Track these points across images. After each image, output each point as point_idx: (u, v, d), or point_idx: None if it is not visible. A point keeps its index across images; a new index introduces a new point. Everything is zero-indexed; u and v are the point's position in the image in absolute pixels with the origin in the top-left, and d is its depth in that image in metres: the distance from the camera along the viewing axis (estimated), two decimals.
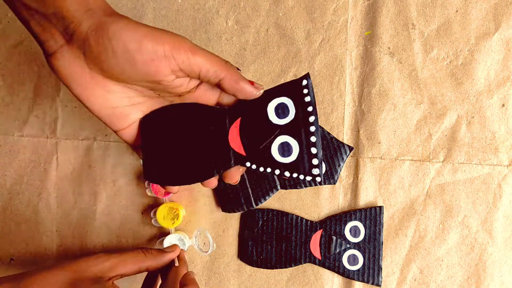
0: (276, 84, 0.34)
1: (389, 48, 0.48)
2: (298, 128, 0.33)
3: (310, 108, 0.32)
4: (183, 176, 0.34)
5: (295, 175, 0.33)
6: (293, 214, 0.49)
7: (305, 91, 0.32)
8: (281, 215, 0.49)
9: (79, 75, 0.32)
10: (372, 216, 0.48)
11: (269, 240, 0.49)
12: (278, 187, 0.49)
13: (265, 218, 0.49)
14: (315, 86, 0.49)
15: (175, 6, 0.50)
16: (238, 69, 0.34)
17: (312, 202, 0.49)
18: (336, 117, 0.49)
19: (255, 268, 0.49)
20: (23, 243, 0.52)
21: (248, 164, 0.33)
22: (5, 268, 0.52)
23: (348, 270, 0.47)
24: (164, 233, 0.50)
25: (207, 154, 0.34)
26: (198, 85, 0.35)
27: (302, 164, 0.33)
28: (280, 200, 0.49)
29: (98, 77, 0.32)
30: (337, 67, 0.48)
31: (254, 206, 0.49)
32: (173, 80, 0.32)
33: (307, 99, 0.32)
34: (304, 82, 0.33)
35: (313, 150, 0.32)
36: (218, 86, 0.33)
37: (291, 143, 0.33)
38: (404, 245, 0.48)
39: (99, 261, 0.36)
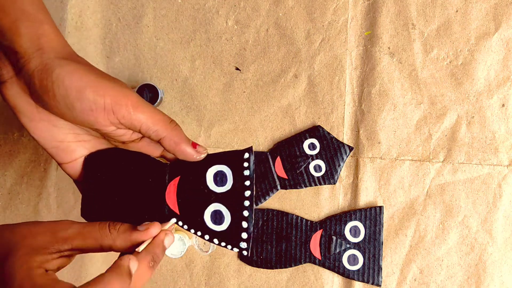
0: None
1: (389, 48, 0.48)
2: (233, 200, 0.33)
3: (247, 182, 0.33)
4: (117, 220, 0.34)
5: (223, 244, 0.33)
6: (293, 214, 0.49)
7: (246, 164, 0.33)
8: (281, 215, 0.49)
9: (25, 107, 0.32)
10: (372, 216, 0.48)
11: (269, 240, 0.49)
12: (278, 187, 0.49)
13: (265, 218, 0.49)
14: (315, 86, 0.49)
15: (175, 6, 0.50)
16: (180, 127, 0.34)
17: (312, 202, 0.49)
18: (336, 117, 0.49)
19: (255, 268, 0.49)
20: None
21: (180, 223, 0.34)
22: None
23: (348, 270, 0.47)
24: None
25: (142, 204, 0.34)
26: (142, 137, 0.35)
27: (231, 236, 0.33)
28: (280, 200, 0.49)
29: (44, 111, 0.33)
30: (337, 67, 0.48)
31: (254, 206, 0.49)
32: (113, 130, 0.33)
33: (246, 172, 0.33)
34: (246, 155, 0.33)
35: (244, 224, 0.33)
36: (159, 143, 0.33)
37: (223, 212, 0.33)
38: (404, 245, 0.48)
39: (56, 228, 0.31)
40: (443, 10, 0.47)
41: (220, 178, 0.33)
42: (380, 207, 0.48)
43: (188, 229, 0.34)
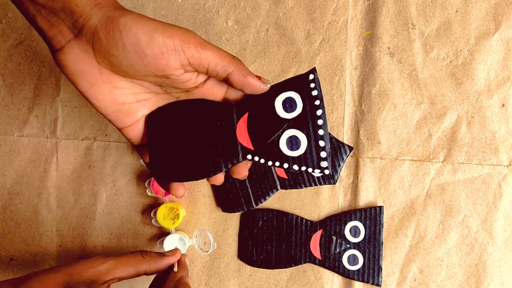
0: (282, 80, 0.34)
1: (389, 48, 0.48)
2: (306, 122, 0.33)
3: (317, 102, 0.33)
4: (191, 172, 0.34)
5: (303, 168, 0.33)
6: (293, 214, 0.49)
7: (312, 85, 0.33)
8: (281, 215, 0.49)
9: (87, 70, 0.32)
10: (372, 216, 0.48)
11: (269, 240, 0.49)
12: (278, 187, 0.49)
13: (265, 218, 0.49)
14: None
15: (175, 6, 0.50)
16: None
17: (312, 202, 0.49)
18: (336, 117, 0.49)
19: (255, 268, 0.49)
20: (23, 243, 0.52)
21: (256, 158, 0.33)
22: (5, 268, 0.52)
23: (348, 270, 0.47)
24: (164, 233, 0.50)
25: (215, 149, 0.34)
26: (205, 80, 0.35)
27: (311, 157, 0.33)
28: (280, 200, 0.49)
29: (106, 72, 0.32)
30: (337, 67, 0.48)
31: (254, 206, 0.49)
32: (181, 74, 0.32)
33: (314, 93, 0.33)
34: (311, 76, 0.33)
35: (321, 143, 0.33)
36: (226, 81, 0.33)
37: (299, 136, 0.33)
38: (404, 245, 0.48)
39: (96, 263, 0.36)
40: (443, 10, 0.47)
41: (289, 104, 0.33)
42: (380, 207, 0.48)
43: (265, 162, 0.33)
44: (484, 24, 0.47)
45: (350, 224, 0.48)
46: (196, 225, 0.50)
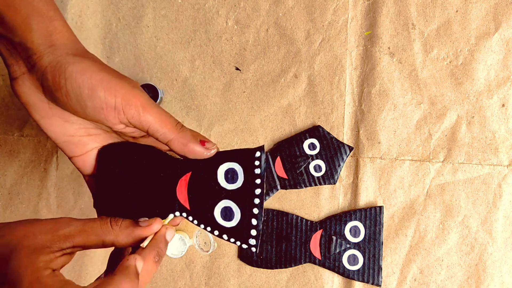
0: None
1: (389, 48, 0.48)
2: (243, 197, 0.33)
3: (258, 181, 0.33)
4: (128, 213, 0.35)
5: (232, 240, 0.34)
6: (293, 214, 0.49)
7: (257, 162, 0.33)
8: (281, 215, 0.49)
9: (37, 104, 0.33)
10: (372, 216, 0.48)
11: (269, 240, 0.49)
12: (278, 187, 0.49)
13: (265, 218, 0.49)
14: (315, 86, 0.49)
15: (175, 6, 0.50)
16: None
17: (312, 202, 0.49)
18: (336, 117, 0.49)
19: (255, 268, 0.49)
20: None
21: (190, 218, 0.34)
22: None
23: (348, 270, 0.47)
24: None
25: (154, 198, 0.35)
26: None
27: (241, 232, 0.33)
28: (280, 200, 0.49)
29: (56, 107, 0.33)
30: (337, 67, 0.48)
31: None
32: (122, 128, 0.33)
33: (257, 171, 0.33)
34: (257, 154, 0.33)
35: (253, 222, 0.33)
36: (167, 145, 0.34)
37: (234, 209, 0.34)
38: (404, 245, 0.48)
39: (57, 226, 0.31)
40: (443, 10, 0.47)
41: (231, 176, 0.34)
42: (380, 207, 0.48)
43: (198, 224, 0.34)
44: (484, 24, 0.47)
45: (350, 224, 0.48)
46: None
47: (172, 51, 0.50)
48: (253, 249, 0.33)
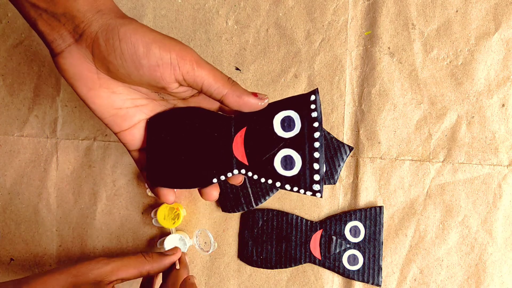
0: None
1: (389, 48, 0.48)
2: (303, 143, 0.33)
3: (316, 124, 0.32)
4: (184, 180, 0.34)
5: (295, 189, 0.33)
6: (293, 214, 0.49)
7: (313, 106, 0.33)
8: (281, 215, 0.49)
9: (85, 75, 0.32)
10: (372, 216, 0.48)
11: (269, 240, 0.49)
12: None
13: (265, 218, 0.49)
14: (315, 86, 0.49)
15: (175, 6, 0.50)
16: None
17: (312, 202, 0.49)
18: (336, 117, 0.49)
19: (255, 268, 0.49)
20: (23, 243, 0.52)
21: (250, 173, 0.34)
22: (5, 268, 0.52)
23: (348, 270, 0.48)
24: (164, 233, 0.50)
25: (210, 159, 0.34)
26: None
27: (304, 179, 0.33)
28: (280, 200, 0.49)
29: (104, 77, 0.32)
30: (337, 67, 0.48)
31: (254, 206, 0.49)
32: (176, 87, 0.33)
33: (314, 114, 0.32)
34: (312, 97, 0.33)
35: (316, 166, 0.32)
36: (221, 101, 0.33)
37: (294, 157, 0.33)
38: (404, 245, 0.48)
39: (100, 265, 0.36)
40: (443, 10, 0.47)
41: (287, 123, 0.33)
42: (380, 207, 0.48)
43: (258, 179, 0.33)
44: (484, 24, 0.47)
45: (350, 224, 0.48)
46: (196, 225, 0.50)
47: None
48: (318, 195, 0.32)
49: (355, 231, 0.48)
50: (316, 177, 0.32)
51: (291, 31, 0.49)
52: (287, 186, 0.33)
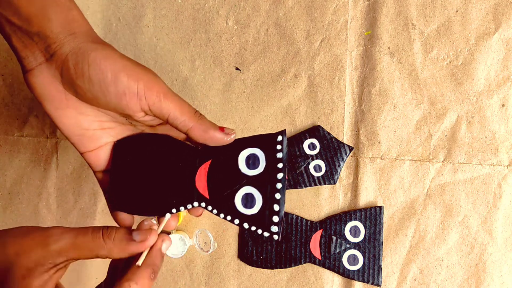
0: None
1: (389, 48, 0.48)
2: (265, 182, 0.33)
3: (280, 165, 0.33)
4: (145, 207, 0.34)
5: (253, 228, 0.33)
6: (293, 214, 0.49)
7: (279, 147, 0.33)
8: None
9: (53, 95, 0.32)
10: (372, 216, 0.48)
11: (269, 240, 0.49)
12: None
13: None
14: (315, 86, 0.49)
15: (175, 6, 0.50)
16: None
17: (312, 202, 0.49)
18: (336, 117, 0.49)
19: (255, 268, 0.49)
20: None
21: (209, 207, 0.34)
22: None
23: (348, 270, 0.48)
24: (164, 233, 0.50)
25: (172, 189, 0.34)
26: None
27: (262, 219, 0.33)
28: None
29: (72, 98, 0.33)
30: (337, 67, 0.48)
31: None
32: (142, 116, 0.33)
33: (279, 155, 0.33)
34: (279, 138, 0.33)
35: (276, 207, 0.32)
36: (186, 134, 0.33)
37: (255, 195, 0.33)
38: (404, 245, 0.48)
39: (48, 240, 0.31)
40: (443, 10, 0.47)
41: (252, 161, 0.33)
42: (380, 207, 0.48)
43: (218, 214, 0.33)
44: (484, 24, 0.47)
45: (350, 224, 0.48)
46: (196, 225, 0.50)
47: (172, 51, 0.50)
48: (275, 237, 0.32)
49: (355, 231, 0.48)
50: (275, 219, 0.32)
51: (291, 31, 0.49)
52: (245, 225, 0.33)
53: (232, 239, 0.50)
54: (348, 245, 0.48)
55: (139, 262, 0.32)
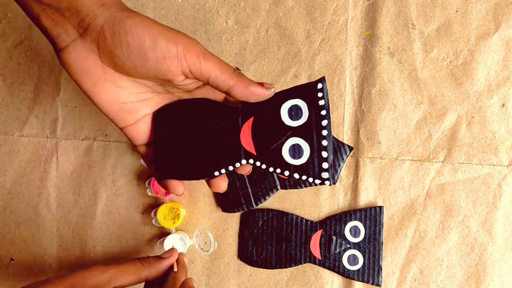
0: (286, 86, 0.34)
1: (389, 48, 0.48)
2: (310, 131, 0.33)
3: (323, 112, 0.32)
4: (193, 171, 0.34)
5: (304, 177, 0.33)
6: (293, 214, 0.49)
7: (320, 94, 0.32)
8: (281, 215, 0.49)
9: (90, 69, 0.32)
10: (372, 216, 0.48)
11: (269, 240, 0.49)
12: (278, 187, 0.49)
13: (265, 218, 0.49)
14: None
15: (175, 6, 0.50)
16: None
17: (312, 202, 0.49)
18: (336, 117, 0.49)
19: (255, 268, 0.49)
20: (23, 243, 0.52)
21: (258, 163, 0.33)
22: (5, 268, 0.52)
23: (348, 270, 0.48)
24: (164, 233, 0.50)
25: (218, 150, 0.34)
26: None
27: (312, 167, 0.33)
28: (280, 200, 0.49)
29: (110, 71, 0.32)
30: (337, 67, 0.48)
31: (254, 206, 0.49)
32: (182, 80, 0.33)
33: (321, 102, 0.32)
34: (319, 85, 0.32)
35: (324, 154, 0.32)
36: (227, 93, 0.33)
37: (302, 145, 0.33)
38: (404, 245, 0.48)
39: (97, 273, 0.36)
40: (443, 10, 0.47)
41: (295, 112, 0.33)
42: (380, 207, 0.48)
43: (267, 168, 0.33)
44: (484, 24, 0.47)
45: (350, 224, 0.48)
46: (196, 225, 0.50)
47: None
48: (327, 183, 0.32)
49: (355, 231, 0.48)
50: (325, 165, 0.32)
51: (291, 31, 0.49)
52: (296, 175, 0.33)
53: (232, 239, 0.50)
54: (348, 245, 0.48)
55: (175, 269, 0.41)
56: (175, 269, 0.41)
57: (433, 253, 0.48)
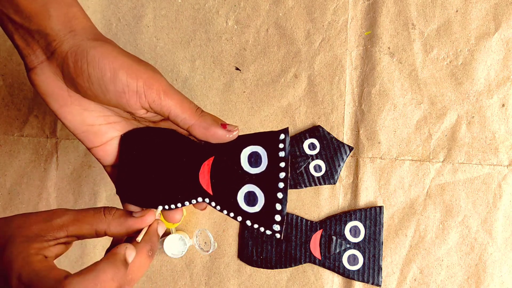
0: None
1: (389, 48, 0.48)
2: (267, 182, 0.33)
3: (282, 164, 0.32)
4: (151, 200, 0.35)
5: (256, 226, 0.33)
6: (293, 214, 0.49)
7: (281, 145, 0.33)
8: None
9: (56, 92, 0.32)
10: (372, 216, 0.48)
11: (269, 240, 0.49)
12: None
13: None
14: (315, 86, 0.49)
15: (175, 6, 0.50)
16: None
17: (312, 202, 0.49)
18: (336, 117, 0.49)
19: (255, 268, 0.49)
20: None
21: (213, 204, 0.34)
22: None
23: (348, 270, 0.48)
24: (164, 233, 0.50)
25: (177, 184, 0.34)
26: None
27: (265, 218, 0.33)
28: None
29: (75, 95, 0.33)
30: (337, 67, 0.48)
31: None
32: (143, 113, 0.33)
33: (281, 154, 0.33)
34: (282, 136, 0.33)
35: (278, 207, 0.32)
36: (188, 131, 0.33)
37: (257, 194, 0.33)
38: (404, 245, 0.48)
39: (51, 217, 0.32)
40: (443, 10, 0.47)
41: (254, 159, 0.33)
42: (380, 207, 0.48)
43: (221, 210, 0.34)
44: (484, 24, 0.47)
45: (350, 224, 0.48)
46: (196, 225, 0.50)
47: (172, 51, 0.50)
48: (277, 235, 0.32)
49: (355, 231, 0.48)
50: (277, 218, 0.32)
51: (291, 31, 0.49)
52: (248, 222, 0.33)
53: (232, 239, 0.50)
54: (348, 245, 0.48)
55: (139, 238, 0.32)
56: (138, 238, 0.32)
57: (433, 253, 0.48)
